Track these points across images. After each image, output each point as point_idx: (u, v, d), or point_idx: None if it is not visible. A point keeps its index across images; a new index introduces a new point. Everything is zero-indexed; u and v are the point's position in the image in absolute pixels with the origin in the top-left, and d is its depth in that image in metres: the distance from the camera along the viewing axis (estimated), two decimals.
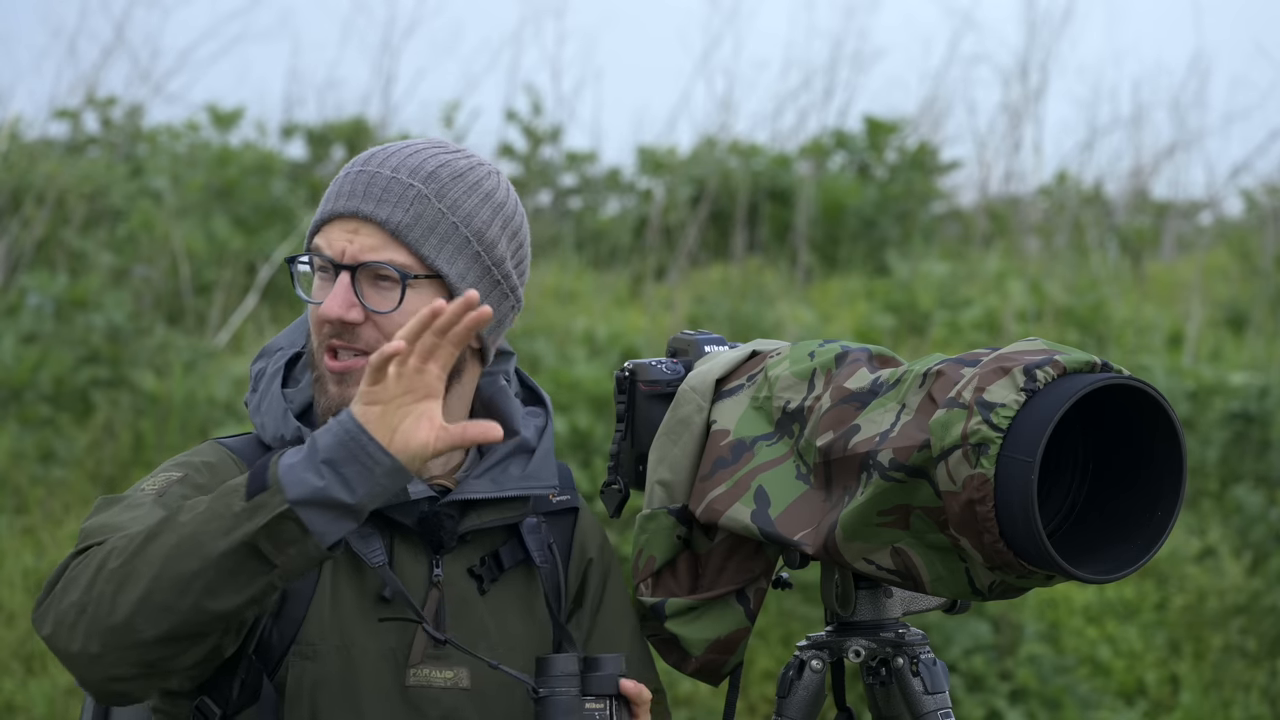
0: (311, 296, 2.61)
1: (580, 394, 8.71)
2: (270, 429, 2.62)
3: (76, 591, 2.35)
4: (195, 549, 2.32)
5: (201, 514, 2.34)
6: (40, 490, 8.63)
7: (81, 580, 2.35)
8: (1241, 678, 8.19)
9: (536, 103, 12.78)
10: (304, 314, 2.70)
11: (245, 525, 2.32)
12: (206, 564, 2.32)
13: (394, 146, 2.65)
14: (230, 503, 2.34)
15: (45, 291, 9.58)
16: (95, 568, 2.35)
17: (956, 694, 7.77)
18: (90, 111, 12.39)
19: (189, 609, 2.33)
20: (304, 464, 2.32)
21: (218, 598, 2.33)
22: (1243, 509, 8.67)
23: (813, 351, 2.68)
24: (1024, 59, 13.10)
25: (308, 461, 2.32)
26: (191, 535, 2.33)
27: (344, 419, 2.34)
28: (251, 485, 2.33)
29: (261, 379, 2.67)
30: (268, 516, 2.31)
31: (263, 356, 2.70)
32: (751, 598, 2.72)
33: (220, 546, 2.32)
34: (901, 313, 10.63)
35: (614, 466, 2.78)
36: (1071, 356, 2.43)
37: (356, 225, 2.58)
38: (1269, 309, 11.24)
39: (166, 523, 2.36)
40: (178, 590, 2.32)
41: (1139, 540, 2.46)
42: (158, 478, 2.54)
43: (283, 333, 2.73)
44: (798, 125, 13.28)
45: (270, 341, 2.72)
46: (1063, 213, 12.94)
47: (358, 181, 2.60)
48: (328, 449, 2.32)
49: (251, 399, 2.66)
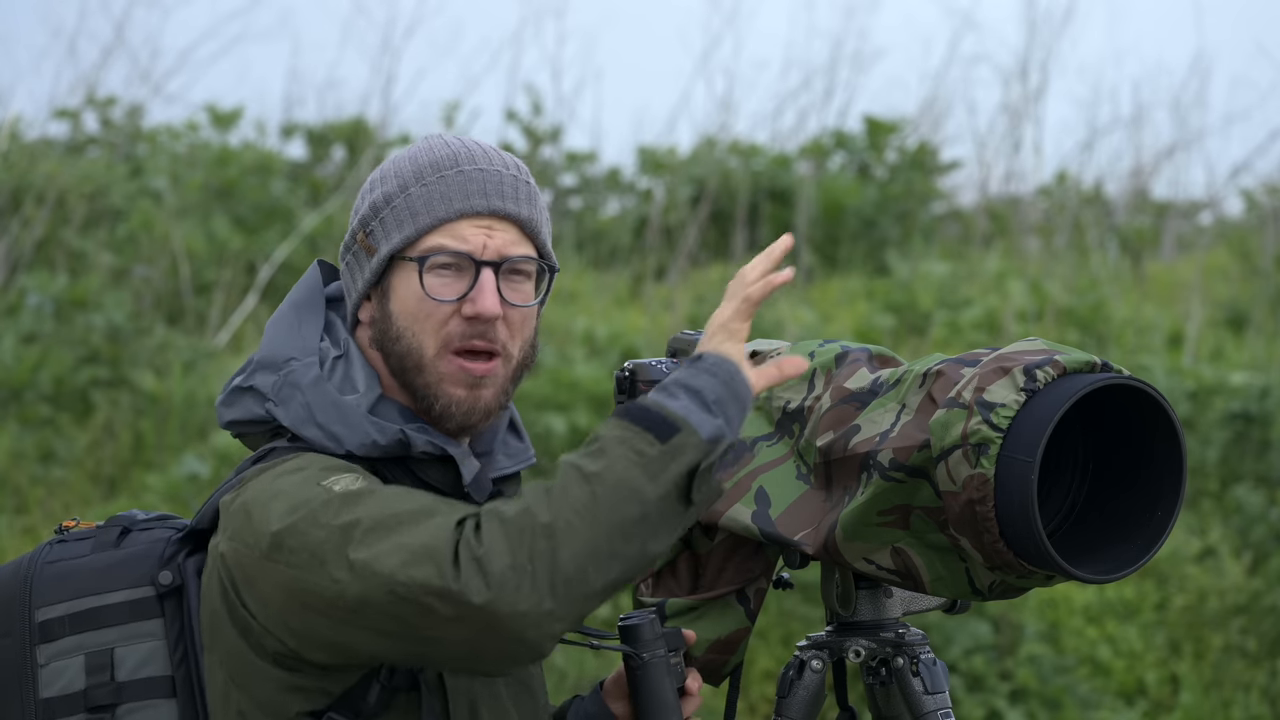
0: (435, 294, 2.58)
1: (580, 394, 8.71)
2: (351, 438, 2.56)
3: (505, 554, 2.30)
4: (632, 495, 2.33)
5: (614, 462, 2.35)
6: (40, 490, 8.63)
7: (503, 544, 2.31)
8: (1241, 678, 8.19)
9: (536, 103, 12.79)
10: (282, 320, 2.65)
11: (674, 466, 2.34)
12: (647, 507, 2.33)
13: (468, 144, 2.66)
14: (641, 448, 2.35)
15: (45, 291, 9.59)
16: (513, 528, 2.31)
17: (956, 694, 7.78)
18: (90, 111, 12.40)
19: (635, 554, 2.34)
20: (696, 407, 2.38)
21: (658, 539, 2.35)
22: (1243, 509, 8.68)
23: (813, 351, 2.69)
24: (1024, 59, 13.11)
25: (696, 404, 2.38)
26: (620, 482, 2.33)
27: (717, 361, 2.42)
28: (658, 429, 2.36)
29: (288, 390, 2.59)
30: (695, 456, 2.35)
31: (265, 370, 2.62)
32: (752, 598, 2.72)
33: (657, 490, 2.34)
34: (901, 313, 10.64)
35: None
36: (1071, 356, 2.43)
37: (491, 222, 2.61)
38: (1269, 309, 11.25)
39: (567, 476, 2.35)
40: (624, 536, 2.33)
41: (1139, 540, 2.46)
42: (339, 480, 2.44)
43: (275, 342, 2.64)
44: (798, 125, 13.29)
45: (265, 354, 2.64)
46: (1063, 213, 12.95)
47: (484, 180, 2.62)
48: (714, 390, 2.39)
49: (284, 413, 2.58)
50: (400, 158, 2.66)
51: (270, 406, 2.59)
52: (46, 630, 2.57)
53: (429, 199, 2.60)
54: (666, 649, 2.60)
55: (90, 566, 2.59)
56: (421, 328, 2.58)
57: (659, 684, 2.58)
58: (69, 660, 2.56)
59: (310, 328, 2.65)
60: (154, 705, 2.55)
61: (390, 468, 2.58)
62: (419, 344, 2.58)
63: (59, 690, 2.55)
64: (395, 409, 2.60)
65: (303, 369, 2.60)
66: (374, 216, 2.62)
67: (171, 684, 2.55)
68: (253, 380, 2.62)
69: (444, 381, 2.58)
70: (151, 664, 2.56)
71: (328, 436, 2.56)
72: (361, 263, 2.63)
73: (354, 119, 12.88)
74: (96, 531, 2.64)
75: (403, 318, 2.59)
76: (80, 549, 2.61)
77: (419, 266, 2.57)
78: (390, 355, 2.61)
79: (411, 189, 2.61)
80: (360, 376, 2.61)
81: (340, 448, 2.55)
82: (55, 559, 2.60)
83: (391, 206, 2.61)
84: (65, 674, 2.55)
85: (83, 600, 2.57)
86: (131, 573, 2.57)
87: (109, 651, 2.56)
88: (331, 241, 11.08)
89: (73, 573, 2.58)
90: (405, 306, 2.59)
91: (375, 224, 2.62)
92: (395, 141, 12.83)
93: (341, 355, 2.63)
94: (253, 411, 2.62)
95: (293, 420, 2.57)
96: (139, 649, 2.56)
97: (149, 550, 2.59)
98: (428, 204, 2.60)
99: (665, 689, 2.58)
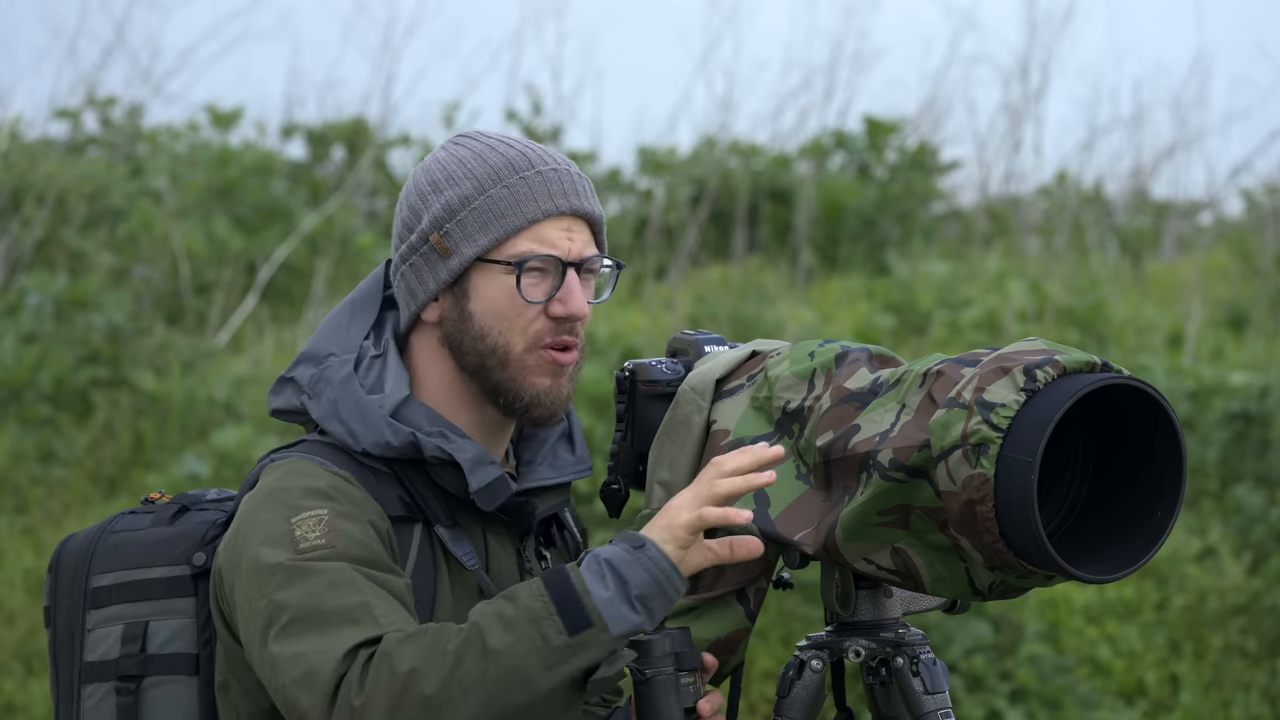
0: (530, 296, 2.63)
1: (580, 394, 8.71)
2: (367, 437, 2.61)
3: (381, 712, 2.37)
4: (521, 683, 2.38)
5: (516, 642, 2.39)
6: (40, 490, 8.63)
7: (383, 700, 2.37)
8: (1241, 678, 8.19)
9: (536, 103, 12.79)
10: (338, 317, 2.71)
11: (573, 661, 2.39)
12: (534, 699, 2.39)
13: (530, 144, 2.69)
14: (547, 634, 2.39)
15: (45, 291, 9.59)
16: (399, 688, 2.37)
17: (956, 694, 7.78)
18: (90, 111, 12.40)
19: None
20: (619, 600, 2.42)
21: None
22: (1243, 509, 8.67)
23: (813, 351, 2.69)
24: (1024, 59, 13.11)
25: (622, 597, 2.42)
26: (515, 668, 2.38)
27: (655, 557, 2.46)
28: (570, 620, 2.39)
29: (321, 384, 2.66)
30: (597, 654, 2.40)
31: (307, 363, 2.69)
32: (751, 598, 2.72)
33: (548, 682, 2.39)
34: (901, 313, 10.64)
35: (614, 466, 2.79)
36: (1071, 356, 2.43)
37: (569, 223, 2.66)
38: (1269, 309, 11.24)
39: (470, 643, 2.38)
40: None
41: (1139, 540, 2.46)
42: (305, 521, 2.52)
43: (322, 337, 2.71)
44: (798, 125, 13.29)
45: (310, 347, 2.70)
46: (1063, 213, 12.95)
47: (563, 181, 2.66)
48: (643, 586, 2.44)
49: (314, 406, 2.65)
50: (466, 158, 2.67)
51: (304, 399, 2.67)
52: (97, 596, 2.66)
53: (514, 201, 2.63)
54: (675, 668, 2.59)
55: (142, 540, 2.67)
56: (510, 326, 2.63)
57: (661, 702, 2.57)
58: (111, 628, 2.64)
59: (359, 326, 2.71)
60: (176, 680, 2.62)
61: (405, 468, 2.63)
62: (506, 342, 2.64)
63: (100, 655, 2.63)
64: (422, 412, 2.65)
65: (338, 365, 2.66)
66: (449, 218, 2.65)
67: (195, 662, 2.63)
68: (294, 372, 2.70)
69: (529, 373, 2.64)
70: (179, 640, 2.63)
71: (347, 433, 2.62)
72: (433, 264, 2.66)
73: (354, 119, 12.88)
74: (161, 507, 2.73)
75: (488, 317, 2.64)
76: (142, 522, 2.70)
77: (517, 270, 2.62)
78: (468, 354, 2.65)
79: (491, 191, 2.64)
80: (390, 377, 2.67)
81: (357, 445, 2.62)
82: (120, 529, 2.69)
83: (471, 208, 2.64)
84: (106, 640, 2.63)
85: (131, 572, 2.65)
86: (174, 550, 2.65)
87: (144, 624, 2.64)
88: (332, 242, 11.08)
89: (127, 544, 2.67)
90: (492, 307, 2.64)
91: (451, 225, 2.65)
92: (395, 141, 12.83)
93: (380, 355, 2.68)
94: (292, 402, 2.70)
95: (320, 414, 2.65)
96: (170, 624, 2.64)
97: (195, 530, 2.67)
98: (514, 206, 2.64)
99: (669, 707, 2.57)
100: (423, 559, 2.60)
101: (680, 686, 2.59)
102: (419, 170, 2.71)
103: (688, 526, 2.47)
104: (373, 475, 2.61)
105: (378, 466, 2.62)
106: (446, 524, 2.62)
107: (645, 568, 2.43)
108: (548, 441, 2.75)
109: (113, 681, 2.62)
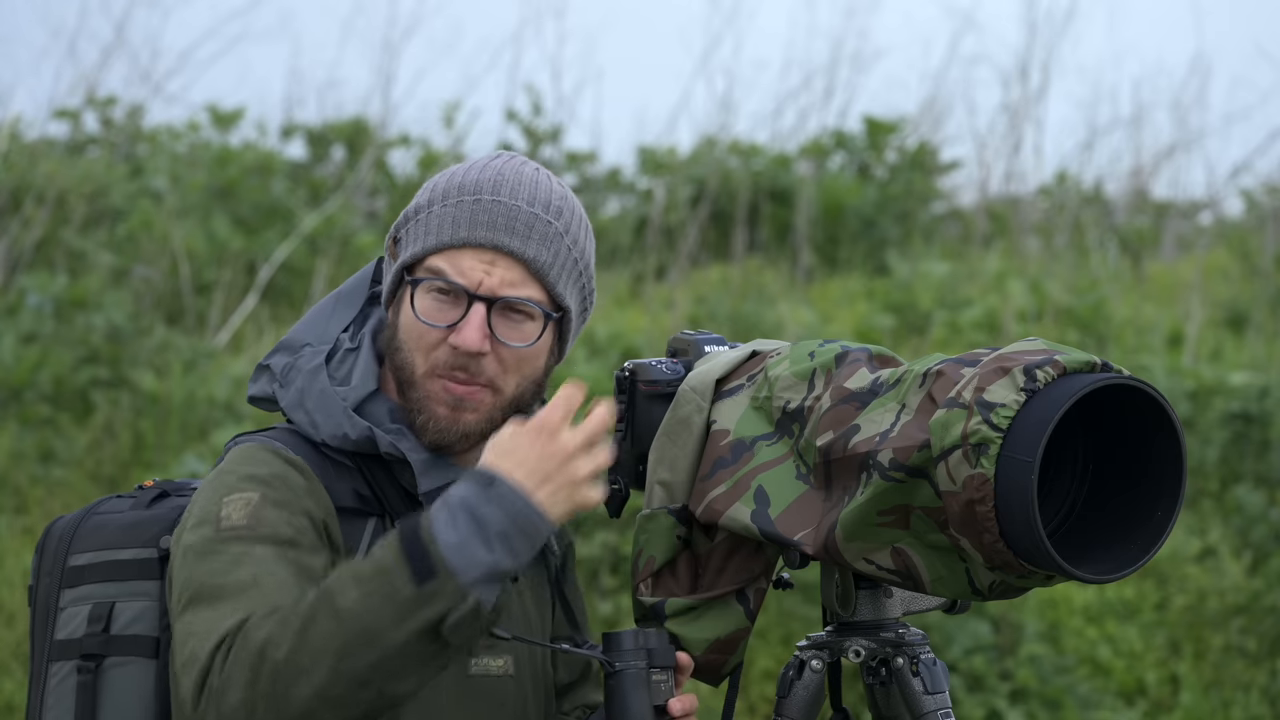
0: (426, 317, 2.60)
1: None
2: (326, 427, 2.61)
3: (239, 689, 2.34)
4: (370, 640, 2.33)
5: (364, 598, 2.33)
6: (40, 490, 8.63)
7: (240, 677, 2.34)
8: (1241, 678, 8.19)
9: (536, 103, 12.78)
10: (322, 309, 2.73)
11: (422, 612, 2.33)
12: (385, 655, 2.33)
13: (508, 172, 2.64)
14: (396, 586, 2.33)
15: (45, 291, 9.58)
16: (253, 661, 2.34)
17: (956, 694, 7.77)
18: (90, 111, 12.39)
19: (371, 698, 2.34)
20: (473, 540, 2.34)
21: (400, 682, 2.35)
22: (1243, 509, 8.67)
23: (813, 351, 2.68)
24: (1024, 59, 13.11)
25: (476, 537, 2.34)
26: (363, 628, 2.32)
27: (510, 493, 2.36)
28: (417, 568, 2.33)
29: (293, 373, 2.67)
30: (446, 604, 2.33)
31: (283, 351, 2.70)
32: (751, 598, 2.72)
33: (398, 637, 2.33)
34: (901, 313, 10.63)
35: (614, 466, 2.78)
36: (1071, 356, 2.43)
37: (494, 257, 2.61)
38: (1269, 309, 11.24)
39: (321, 605, 2.34)
40: (358, 683, 2.33)
41: (1139, 540, 2.46)
42: (233, 502, 2.51)
43: (301, 327, 2.72)
44: (798, 125, 13.29)
45: (288, 336, 2.71)
46: (1063, 213, 12.95)
47: (495, 213, 2.61)
48: (499, 523, 2.35)
49: (283, 394, 2.66)
50: (453, 171, 2.67)
51: (275, 387, 2.68)
52: (73, 575, 2.66)
53: (442, 221, 2.62)
54: (647, 663, 2.58)
55: (119, 522, 2.68)
56: (414, 346, 2.62)
57: (630, 695, 2.56)
58: (80, 607, 2.63)
59: (340, 318, 2.71)
60: (136, 662, 2.61)
61: (367, 462, 2.63)
62: (411, 360, 2.63)
63: (67, 634, 2.63)
64: (385, 407, 2.64)
65: (310, 355, 2.67)
66: (404, 223, 2.66)
67: (156, 645, 2.61)
68: (271, 360, 2.70)
69: (429, 399, 2.62)
70: (141, 622, 2.62)
71: (309, 423, 2.63)
72: (389, 265, 2.70)
73: (354, 119, 12.87)
74: (143, 492, 2.73)
75: (402, 330, 2.64)
76: (123, 505, 2.70)
77: (412, 286, 2.61)
78: (390, 363, 2.66)
79: (435, 206, 2.63)
80: (358, 371, 2.66)
81: (318, 435, 2.61)
82: (102, 511, 2.70)
83: (416, 219, 2.65)
84: (75, 619, 2.63)
85: (105, 552, 2.65)
86: (146, 533, 2.65)
87: (110, 604, 2.63)
88: (332, 242, 11.08)
89: (105, 525, 2.67)
90: (404, 320, 2.64)
91: (403, 231, 2.66)
92: (395, 141, 12.83)
93: (355, 349, 2.69)
94: (265, 390, 2.70)
95: (287, 403, 2.66)
96: (135, 606, 2.63)
97: (168, 514, 2.67)
98: (440, 226, 2.62)
99: (637, 702, 2.56)
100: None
101: (651, 682, 2.58)
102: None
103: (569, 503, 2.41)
104: (333, 466, 2.60)
105: (340, 459, 2.61)
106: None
107: (501, 505, 2.36)
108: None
109: (76, 659, 2.61)
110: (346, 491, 2.60)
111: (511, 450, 2.41)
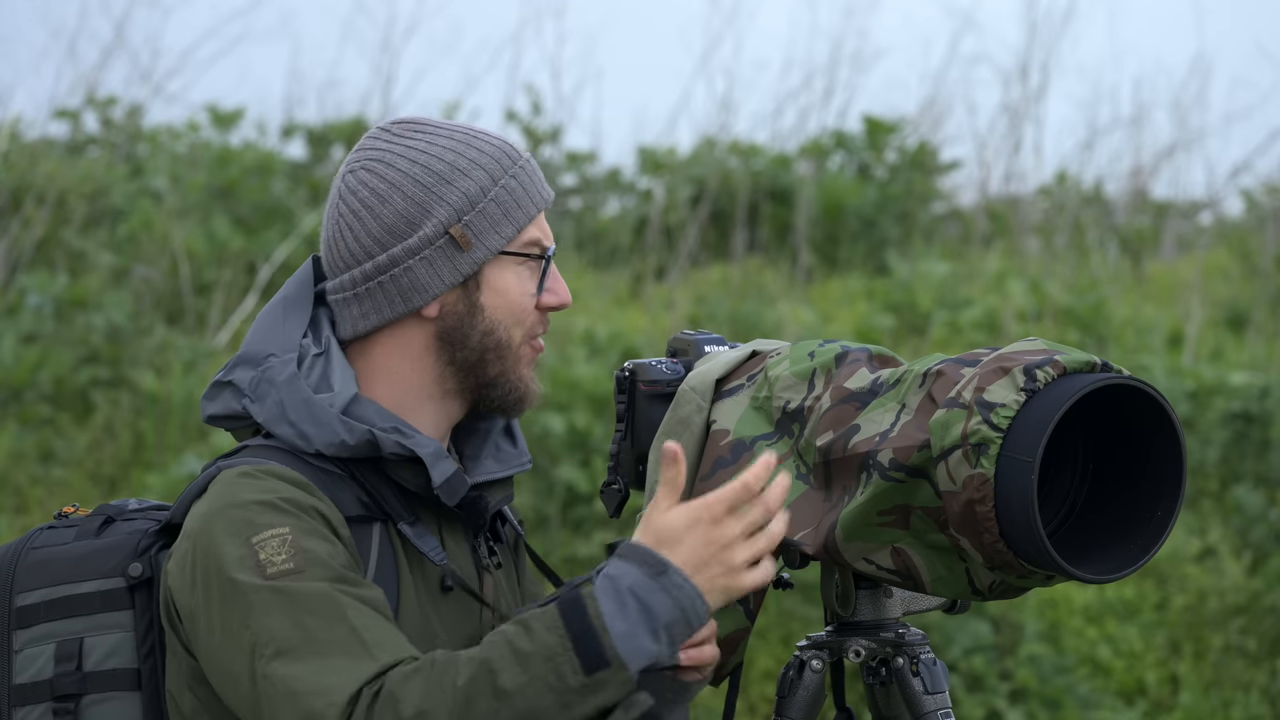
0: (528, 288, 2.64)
1: (580, 394, 8.71)
2: (320, 437, 2.53)
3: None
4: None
5: (530, 682, 2.29)
6: (40, 490, 8.63)
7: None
8: (1241, 678, 8.19)
9: (536, 103, 12.78)
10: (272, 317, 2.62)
11: (591, 700, 2.30)
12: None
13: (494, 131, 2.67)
14: (563, 673, 2.30)
15: (45, 291, 9.59)
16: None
17: (956, 694, 7.77)
18: (90, 111, 12.39)
19: None
20: (640, 629, 2.32)
21: None
22: (1243, 509, 8.67)
23: (813, 351, 2.68)
24: (1024, 59, 13.11)
25: (643, 626, 2.32)
26: (528, 709, 2.29)
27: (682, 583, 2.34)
28: (587, 656, 2.30)
29: (264, 386, 2.56)
30: (615, 694, 2.31)
31: (244, 365, 2.59)
32: (751, 598, 2.71)
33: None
34: (901, 313, 10.63)
35: (614, 466, 2.78)
36: (1071, 356, 2.43)
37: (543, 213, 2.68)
38: (1269, 309, 11.24)
39: (480, 681, 2.30)
40: None
41: (1139, 540, 2.46)
42: (267, 543, 2.42)
43: (257, 338, 2.61)
44: (798, 125, 13.28)
45: (246, 349, 2.60)
46: (1063, 213, 12.94)
47: (534, 171, 2.66)
48: (669, 614, 2.33)
49: (258, 410, 2.56)
50: (454, 147, 2.61)
51: (247, 403, 2.57)
52: (23, 616, 2.55)
53: (523, 191, 2.62)
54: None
55: (68, 555, 2.57)
56: (516, 320, 2.63)
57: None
58: (42, 647, 2.53)
59: (294, 324, 2.61)
60: (118, 697, 2.54)
61: (359, 467, 2.55)
62: (509, 336, 2.62)
63: (30, 677, 2.53)
64: (372, 409, 2.57)
65: (280, 366, 2.56)
66: (470, 208, 2.59)
67: (137, 677, 2.54)
68: (232, 375, 2.60)
69: (520, 365, 2.63)
70: (118, 655, 2.54)
71: (298, 435, 2.53)
72: (451, 257, 2.58)
73: (354, 119, 12.87)
74: (83, 520, 2.62)
75: (500, 310, 2.61)
76: (64, 536, 2.59)
77: (544, 261, 2.64)
78: (471, 348, 2.61)
79: (502, 181, 2.60)
80: (336, 376, 2.58)
81: (310, 446, 2.53)
82: (40, 545, 2.59)
83: (490, 199, 2.59)
84: (37, 661, 2.53)
85: (58, 588, 2.55)
86: (105, 563, 2.56)
87: (78, 641, 2.54)
88: None
89: (51, 560, 2.56)
90: (505, 299, 2.62)
91: (473, 216, 2.59)
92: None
93: (322, 353, 2.59)
94: (231, 407, 2.59)
95: (266, 417, 2.55)
96: (107, 639, 2.55)
97: (126, 541, 2.57)
98: (524, 196, 2.62)
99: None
100: (384, 559, 2.53)
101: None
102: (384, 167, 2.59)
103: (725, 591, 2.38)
104: (325, 477, 2.52)
105: (330, 468, 2.53)
106: (409, 520, 2.56)
107: (670, 593, 2.34)
108: (490, 435, 2.70)
109: (48, 702, 2.52)
110: (350, 500, 2.53)
111: (671, 533, 2.38)
